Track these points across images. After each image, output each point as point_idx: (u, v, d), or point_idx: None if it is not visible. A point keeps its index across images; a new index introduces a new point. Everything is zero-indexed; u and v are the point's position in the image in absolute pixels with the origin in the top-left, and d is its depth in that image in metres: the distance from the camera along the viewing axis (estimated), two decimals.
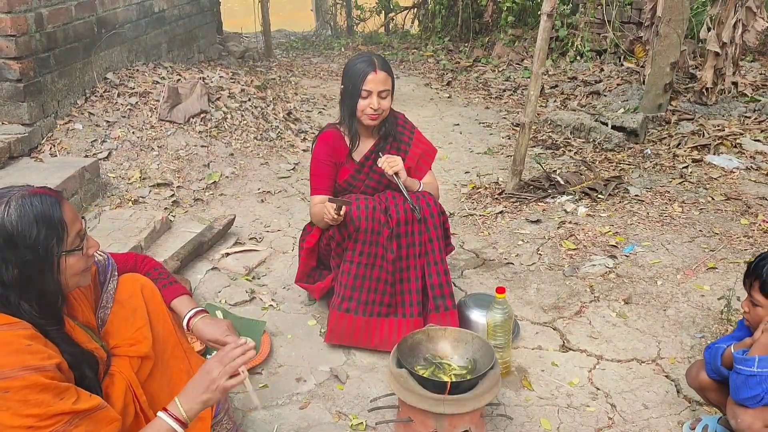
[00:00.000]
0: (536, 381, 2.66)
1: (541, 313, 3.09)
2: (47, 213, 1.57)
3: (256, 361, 2.69)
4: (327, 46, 9.47)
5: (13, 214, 1.54)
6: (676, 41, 5.26)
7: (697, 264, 3.40)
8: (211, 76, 5.53)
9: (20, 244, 1.54)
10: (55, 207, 1.59)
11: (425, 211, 2.74)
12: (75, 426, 1.51)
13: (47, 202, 1.58)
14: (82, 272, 1.69)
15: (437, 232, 2.76)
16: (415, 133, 3.00)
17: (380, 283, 2.75)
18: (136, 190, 4.04)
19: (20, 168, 3.75)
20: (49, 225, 1.57)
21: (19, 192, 1.58)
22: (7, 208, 1.54)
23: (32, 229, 1.54)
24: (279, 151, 4.99)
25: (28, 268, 1.56)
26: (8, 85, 3.90)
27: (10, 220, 1.53)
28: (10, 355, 1.48)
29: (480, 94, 6.91)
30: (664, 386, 2.60)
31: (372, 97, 2.72)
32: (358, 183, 2.90)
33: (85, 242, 1.68)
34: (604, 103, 6.03)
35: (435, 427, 2.21)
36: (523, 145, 4.10)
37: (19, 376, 1.46)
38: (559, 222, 3.88)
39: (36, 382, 1.47)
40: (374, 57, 2.76)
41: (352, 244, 2.72)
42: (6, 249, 1.54)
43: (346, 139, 2.88)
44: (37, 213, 1.56)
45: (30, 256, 1.56)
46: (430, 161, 3.03)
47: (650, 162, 4.77)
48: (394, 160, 2.76)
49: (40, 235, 1.55)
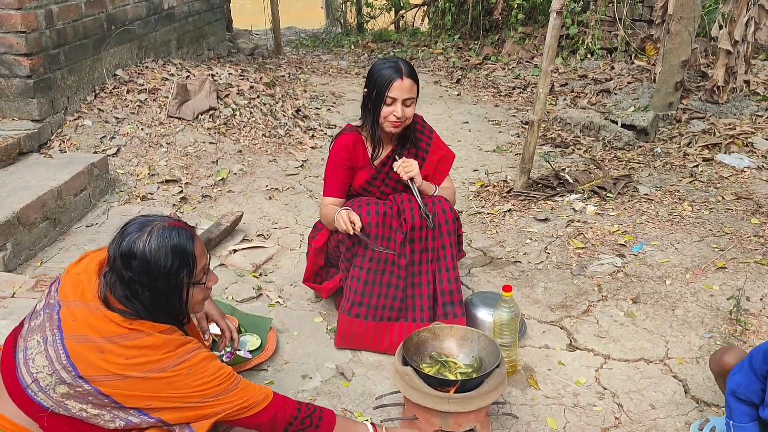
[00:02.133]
0: (543, 380, 2.64)
1: (549, 312, 3.08)
2: (182, 246, 1.74)
3: (262, 357, 2.69)
4: (337, 43, 9.47)
5: (153, 244, 1.70)
6: (687, 39, 5.21)
7: (707, 264, 3.37)
8: (220, 73, 5.54)
9: (155, 272, 1.71)
10: (189, 241, 1.76)
11: (440, 217, 2.72)
12: (240, 380, 1.84)
13: (183, 236, 1.75)
14: (201, 301, 1.89)
15: (450, 238, 2.74)
16: (433, 137, 2.95)
17: (391, 288, 2.73)
18: (145, 187, 4.05)
19: (29, 164, 3.77)
20: (182, 257, 1.74)
21: (161, 223, 1.75)
22: (149, 237, 1.71)
23: (167, 259, 1.71)
24: (287, 148, 4.99)
25: (159, 293, 1.74)
26: (18, 82, 3.92)
27: (150, 249, 1.70)
28: (178, 347, 1.74)
29: (489, 92, 6.89)
30: (671, 386, 2.58)
31: (396, 104, 2.66)
32: (374, 189, 2.87)
33: (207, 276, 1.87)
34: (614, 101, 6.00)
35: (440, 426, 2.21)
36: (531, 143, 4.08)
37: (193, 356, 1.74)
38: (567, 221, 3.86)
39: (207, 356, 1.78)
40: (401, 63, 2.69)
41: (362, 250, 2.70)
42: (142, 274, 1.70)
43: (367, 144, 2.83)
44: (173, 245, 1.73)
45: (162, 283, 1.73)
46: (448, 167, 2.98)
47: (660, 161, 4.74)
48: (410, 164, 2.72)
49: (173, 266, 1.73)
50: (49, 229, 3.42)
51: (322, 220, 2.87)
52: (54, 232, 3.46)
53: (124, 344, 1.66)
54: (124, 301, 1.72)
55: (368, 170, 2.85)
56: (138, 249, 1.69)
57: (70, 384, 1.65)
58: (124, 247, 1.70)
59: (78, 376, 1.64)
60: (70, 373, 1.64)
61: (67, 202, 3.55)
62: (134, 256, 1.69)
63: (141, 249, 1.69)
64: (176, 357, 1.71)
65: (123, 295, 1.72)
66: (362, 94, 2.81)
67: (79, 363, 1.64)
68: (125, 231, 1.74)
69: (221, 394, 1.78)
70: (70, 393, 1.66)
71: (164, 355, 1.70)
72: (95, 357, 1.64)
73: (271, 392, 1.90)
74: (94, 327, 1.67)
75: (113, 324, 1.68)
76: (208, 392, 1.75)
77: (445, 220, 2.72)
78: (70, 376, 1.64)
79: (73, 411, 1.68)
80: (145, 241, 1.70)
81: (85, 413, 1.68)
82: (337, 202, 2.79)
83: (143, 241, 1.70)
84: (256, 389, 1.87)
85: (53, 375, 1.65)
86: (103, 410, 1.69)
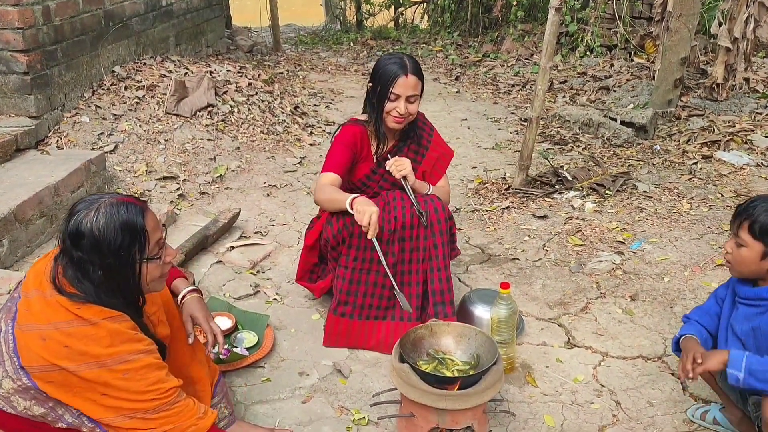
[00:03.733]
0: (540, 377, 2.64)
1: (547, 309, 3.07)
2: (131, 221, 1.68)
3: (259, 354, 2.69)
4: (336, 40, 9.45)
5: (101, 221, 1.65)
6: (686, 36, 5.20)
7: (705, 261, 3.37)
8: (219, 69, 5.52)
9: (105, 249, 1.65)
10: (139, 216, 1.70)
11: (432, 216, 2.69)
12: (179, 400, 1.75)
13: (132, 211, 1.69)
14: (158, 278, 1.81)
15: (443, 238, 2.71)
16: (433, 135, 2.94)
17: (377, 287, 2.71)
18: (142, 183, 4.04)
19: (27, 160, 3.76)
20: (132, 233, 1.68)
21: (108, 200, 1.69)
22: (96, 214, 1.65)
23: (117, 235, 1.65)
24: (285, 145, 4.98)
25: (111, 271, 1.68)
26: (15, 78, 3.90)
27: (97, 226, 1.64)
28: (123, 343, 1.66)
29: (488, 89, 6.87)
30: (669, 384, 2.58)
31: (400, 101, 2.65)
32: (372, 183, 2.86)
33: (163, 251, 1.80)
34: (613, 98, 5.98)
35: (437, 423, 2.20)
36: (530, 141, 4.07)
37: (135, 359, 1.66)
38: (566, 218, 3.85)
39: (150, 363, 1.70)
40: (406, 59, 2.67)
41: (346, 249, 2.68)
42: (92, 252, 1.65)
43: (371, 138, 2.81)
44: (122, 221, 1.67)
45: (113, 260, 1.67)
46: (446, 165, 2.97)
47: (659, 158, 4.72)
48: (402, 163, 2.70)
49: (123, 242, 1.67)
50: (46, 226, 3.41)
51: (319, 196, 2.67)
52: (51, 228, 3.44)
53: (66, 331, 1.62)
54: (75, 283, 1.67)
55: (369, 164, 2.84)
56: (86, 227, 1.64)
57: (13, 378, 1.62)
58: (72, 226, 1.65)
59: (20, 367, 1.61)
60: (14, 364, 1.61)
61: (65, 199, 3.54)
62: (83, 235, 1.64)
63: (89, 227, 1.64)
64: (117, 355, 1.64)
65: (74, 276, 1.67)
66: (366, 89, 2.80)
67: (23, 351, 1.61)
68: (73, 210, 1.68)
69: (149, 411, 1.70)
70: (14, 388, 1.63)
71: (105, 350, 1.63)
72: (36, 345, 1.61)
73: (205, 426, 1.80)
74: (45, 314, 1.63)
75: (62, 309, 1.64)
76: (138, 404, 1.68)
77: (437, 219, 2.69)
78: (13, 367, 1.61)
79: (19, 409, 1.66)
80: (92, 218, 1.64)
81: (29, 412, 1.66)
82: (336, 180, 2.67)
83: (90, 219, 1.64)
84: (190, 418, 1.77)
85: (0, 366, 1.63)
86: (45, 409, 1.66)
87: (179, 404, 1.75)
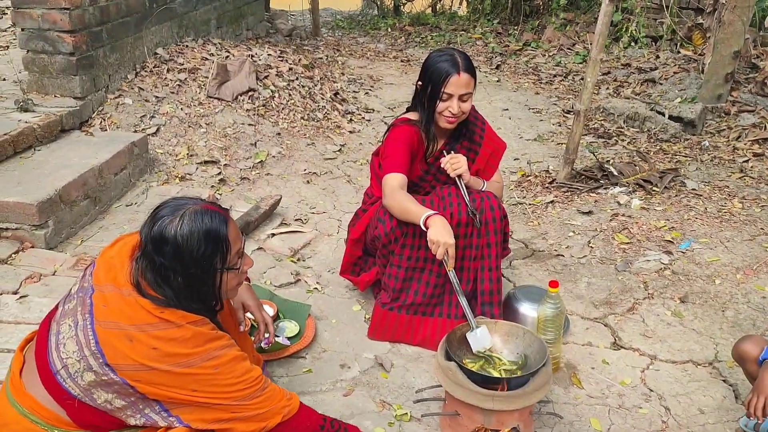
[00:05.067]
0: (586, 379, 2.57)
1: (592, 309, 3.00)
2: (215, 231, 1.68)
3: (301, 344, 2.66)
4: (373, 26, 9.37)
5: (185, 228, 1.64)
6: (740, 29, 5.03)
7: (758, 264, 3.26)
8: (260, 53, 5.50)
9: (187, 258, 1.65)
10: (223, 226, 1.69)
11: (487, 214, 2.61)
12: (267, 385, 1.78)
13: (216, 219, 1.69)
14: (235, 287, 1.82)
15: (497, 237, 2.63)
16: (486, 129, 2.83)
17: (429, 287, 2.66)
18: (183, 167, 4.04)
19: (71, 141, 3.78)
20: (215, 242, 1.68)
21: (193, 206, 1.69)
22: (181, 222, 1.65)
23: (200, 244, 1.65)
24: (325, 132, 4.94)
25: (192, 279, 1.68)
26: (61, 58, 3.91)
27: (181, 234, 1.64)
28: (207, 342, 1.68)
29: (530, 78, 6.75)
30: (721, 391, 2.50)
31: (452, 100, 2.56)
32: (425, 184, 2.79)
33: (242, 260, 1.80)
34: (659, 91, 5.83)
35: (482, 423, 2.15)
36: (577, 134, 3.97)
37: (222, 354, 1.68)
38: (611, 214, 3.76)
39: (236, 355, 1.72)
40: (458, 56, 2.56)
41: (399, 248, 2.62)
42: (174, 259, 1.65)
43: (423, 138, 2.71)
44: (206, 230, 1.66)
45: (194, 269, 1.67)
46: (499, 159, 2.87)
47: (708, 155, 4.59)
48: (458, 161, 2.61)
49: (206, 251, 1.67)
50: (90, 208, 3.43)
51: (389, 202, 2.55)
52: (94, 210, 3.46)
53: (153, 334, 1.62)
54: (155, 287, 1.67)
55: (421, 165, 2.76)
56: (170, 234, 1.63)
57: (97, 372, 1.61)
58: (156, 231, 1.65)
59: (105, 364, 1.61)
60: (98, 360, 1.61)
61: (108, 181, 3.55)
62: (166, 242, 1.63)
63: (173, 234, 1.63)
64: (205, 353, 1.66)
65: (154, 280, 1.67)
66: (415, 87, 2.71)
67: (107, 349, 1.61)
68: (157, 215, 1.68)
69: (245, 399, 1.72)
70: (97, 381, 1.63)
71: (192, 350, 1.64)
72: (123, 345, 1.61)
73: (296, 405, 1.83)
74: (125, 313, 1.63)
75: (144, 311, 1.64)
76: (232, 395, 1.70)
77: (492, 218, 2.62)
78: (97, 363, 1.61)
79: (99, 402, 1.65)
80: (177, 225, 1.64)
81: (110, 405, 1.65)
82: (404, 180, 2.58)
83: (175, 226, 1.64)
84: (281, 399, 1.80)
85: (81, 361, 1.62)
86: (126, 402, 1.66)
87: (269, 389, 1.78)
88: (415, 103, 2.73)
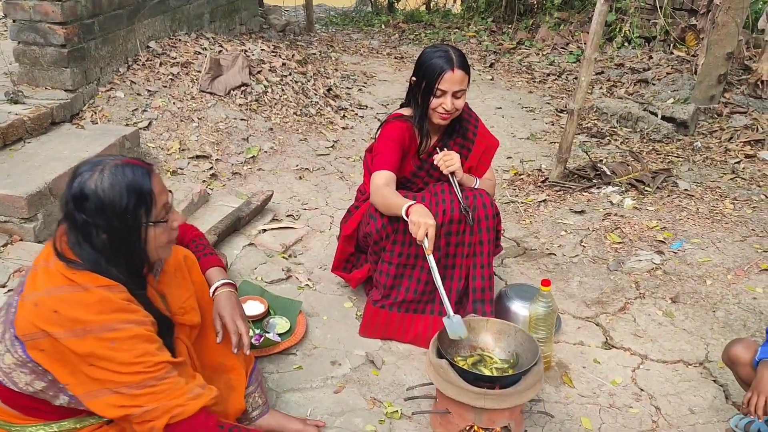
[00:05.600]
0: (577, 378, 2.57)
1: (584, 308, 3.00)
2: (138, 183, 1.61)
3: (291, 341, 2.65)
4: (367, 22, 9.34)
5: (105, 182, 1.57)
6: (734, 31, 5.04)
7: (749, 265, 3.27)
8: (253, 48, 5.47)
9: (109, 212, 1.58)
10: (146, 178, 1.63)
11: (480, 211, 2.60)
12: (168, 377, 1.62)
13: (138, 172, 1.62)
14: (165, 244, 1.74)
15: (489, 235, 2.63)
16: (479, 126, 2.83)
17: (420, 284, 2.65)
18: (175, 161, 4.01)
19: (61, 134, 3.74)
20: (138, 195, 1.61)
21: (113, 161, 1.62)
22: (101, 175, 1.58)
23: (122, 197, 1.58)
24: (318, 128, 4.92)
25: (116, 235, 1.61)
26: (53, 50, 3.88)
27: (102, 188, 1.57)
28: (114, 312, 1.58)
29: (523, 77, 6.75)
30: (711, 391, 2.50)
31: (446, 96, 2.54)
32: (418, 180, 2.78)
33: (170, 215, 1.72)
34: (652, 92, 5.84)
35: (473, 421, 2.15)
36: (570, 133, 3.97)
37: (124, 328, 1.58)
38: (604, 213, 3.76)
39: (139, 333, 1.60)
40: (452, 52, 2.55)
41: (390, 245, 2.61)
42: (96, 215, 1.58)
43: (416, 134, 2.71)
44: (128, 182, 1.59)
45: (118, 223, 1.60)
46: (492, 156, 2.87)
47: (700, 155, 4.60)
48: (451, 158, 2.60)
49: (129, 204, 1.59)
50: None
51: (375, 199, 2.56)
52: None
53: (58, 296, 1.56)
54: (76, 249, 1.60)
55: (414, 161, 2.75)
56: (90, 188, 1.56)
57: (11, 351, 1.57)
58: (76, 188, 1.57)
59: (14, 337, 1.56)
60: (12, 336, 1.56)
61: None
62: (86, 197, 1.56)
63: (93, 188, 1.56)
64: (106, 323, 1.55)
65: (76, 241, 1.60)
66: (409, 83, 2.70)
67: (18, 321, 1.56)
68: (76, 172, 1.60)
69: (136, 385, 1.58)
70: (15, 362, 1.58)
71: (93, 317, 1.55)
72: (29, 311, 1.55)
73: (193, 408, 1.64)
74: (43, 282, 1.58)
75: (58, 275, 1.58)
76: (122, 378, 1.57)
77: (485, 215, 2.61)
78: (10, 339, 1.56)
79: (20, 385, 1.61)
80: (97, 179, 1.56)
81: (31, 388, 1.61)
82: (391, 177, 2.58)
83: (95, 180, 1.56)
84: (178, 397, 1.62)
85: (2, 343, 1.58)
86: (44, 382, 1.60)
87: (167, 381, 1.62)
88: (408, 98, 2.72)
